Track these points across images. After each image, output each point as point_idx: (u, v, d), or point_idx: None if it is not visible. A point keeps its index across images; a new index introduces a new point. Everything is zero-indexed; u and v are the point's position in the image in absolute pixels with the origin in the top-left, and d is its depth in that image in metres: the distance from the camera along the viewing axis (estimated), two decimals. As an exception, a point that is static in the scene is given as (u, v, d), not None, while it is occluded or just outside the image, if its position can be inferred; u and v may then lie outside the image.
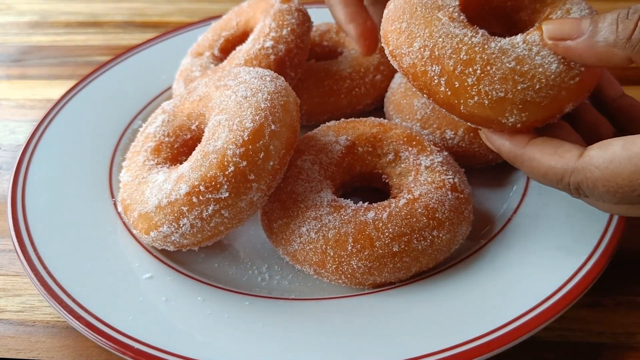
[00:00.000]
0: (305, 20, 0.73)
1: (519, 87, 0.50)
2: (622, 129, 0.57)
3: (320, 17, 0.80)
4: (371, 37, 0.62)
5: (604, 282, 0.57)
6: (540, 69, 0.50)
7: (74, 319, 0.53)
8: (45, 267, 0.58)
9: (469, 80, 0.51)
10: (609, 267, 0.55)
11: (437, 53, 0.52)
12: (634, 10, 0.46)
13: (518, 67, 0.50)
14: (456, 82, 0.52)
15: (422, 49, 0.53)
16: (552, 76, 0.50)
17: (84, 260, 0.59)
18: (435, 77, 0.53)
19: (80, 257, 0.60)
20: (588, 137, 0.55)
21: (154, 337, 0.52)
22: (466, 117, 0.53)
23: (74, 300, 0.55)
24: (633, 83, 0.84)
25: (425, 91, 0.54)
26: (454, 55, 0.52)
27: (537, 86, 0.50)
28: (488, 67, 0.51)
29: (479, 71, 0.51)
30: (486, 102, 0.51)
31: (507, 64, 0.51)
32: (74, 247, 0.61)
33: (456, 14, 0.53)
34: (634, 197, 0.48)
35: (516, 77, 0.50)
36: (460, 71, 0.51)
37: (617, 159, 0.47)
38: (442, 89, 0.53)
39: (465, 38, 0.52)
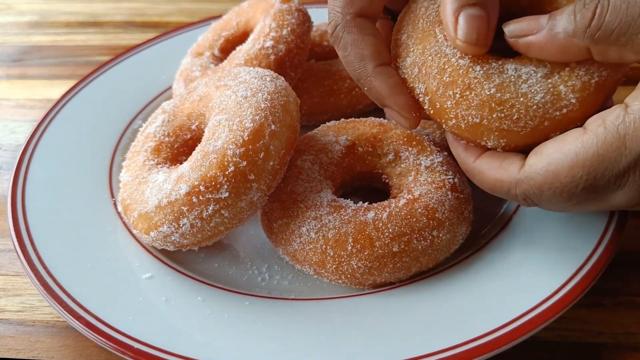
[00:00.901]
0: (305, 20, 0.73)
1: (494, 115, 0.49)
2: None
3: (320, 17, 0.80)
4: (419, 107, 0.54)
5: (604, 282, 0.57)
6: (522, 99, 0.49)
7: (74, 319, 0.53)
8: (45, 267, 0.58)
9: (449, 103, 0.51)
10: (609, 267, 0.55)
11: (424, 71, 0.52)
12: None
13: (498, 94, 0.49)
14: (437, 103, 0.52)
15: (412, 66, 0.53)
16: (534, 107, 0.49)
17: (84, 260, 0.59)
18: (420, 95, 0.53)
19: (80, 257, 0.60)
20: None
21: (154, 337, 0.52)
22: (451, 133, 0.54)
23: (73, 300, 0.55)
24: (634, 83, 0.84)
25: (418, 105, 0.55)
26: (438, 76, 0.51)
27: (516, 116, 0.49)
28: (467, 92, 0.50)
29: (458, 95, 0.50)
30: (463, 125, 0.51)
31: (487, 91, 0.49)
32: (74, 247, 0.61)
33: None
34: (579, 192, 0.48)
35: (493, 104, 0.49)
36: (441, 93, 0.51)
37: (554, 160, 0.48)
38: (426, 107, 0.53)
39: (453, 59, 0.51)
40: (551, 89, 0.49)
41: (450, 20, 0.50)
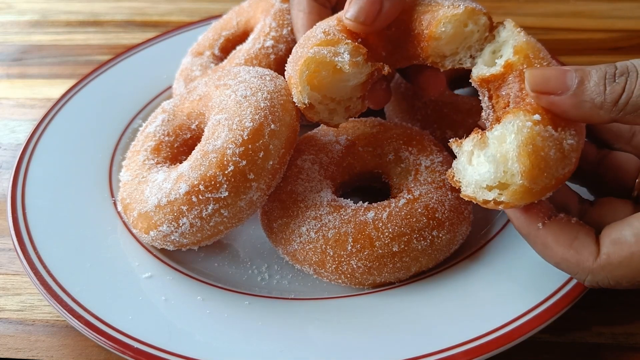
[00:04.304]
0: (305, 20, 0.73)
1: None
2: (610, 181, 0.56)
3: (320, 16, 0.80)
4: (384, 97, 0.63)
5: (604, 282, 0.57)
6: None
7: (74, 318, 0.53)
8: (45, 267, 0.58)
9: None
10: (609, 267, 0.55)
11: None
12: (620, 72, 0.46)
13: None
14: None
15: None
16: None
17: (84, 260, 0.59)
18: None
19: (80, 257, 0.60)
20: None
21: (153, 336, 0.52)
22: None
23: (73, 299, 0.55)
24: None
25: None
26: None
27: None
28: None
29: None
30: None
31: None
32: (73, 246, 0.61)
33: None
34: None
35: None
36: None
37: (637, 253, 0.46)
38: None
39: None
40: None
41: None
